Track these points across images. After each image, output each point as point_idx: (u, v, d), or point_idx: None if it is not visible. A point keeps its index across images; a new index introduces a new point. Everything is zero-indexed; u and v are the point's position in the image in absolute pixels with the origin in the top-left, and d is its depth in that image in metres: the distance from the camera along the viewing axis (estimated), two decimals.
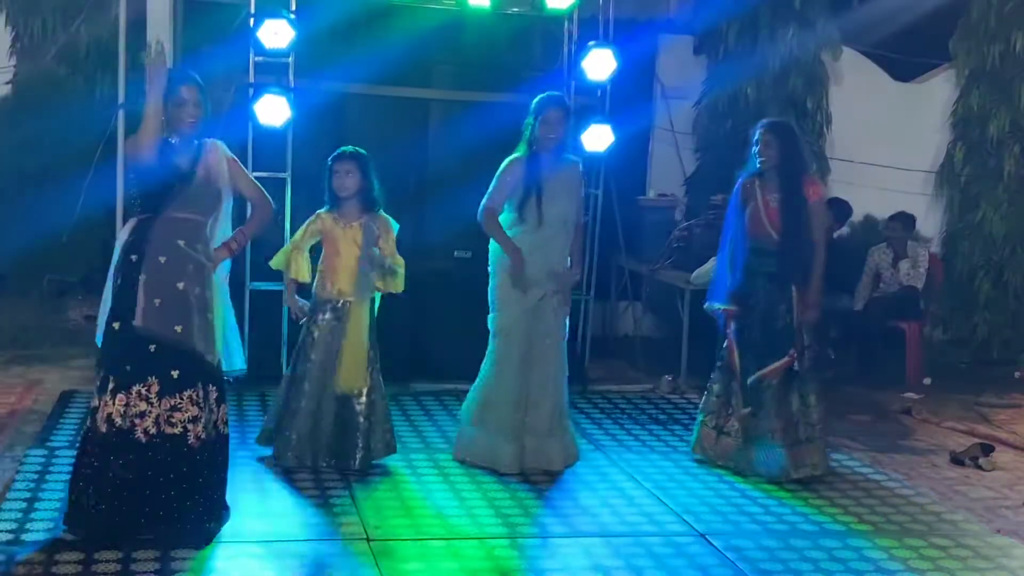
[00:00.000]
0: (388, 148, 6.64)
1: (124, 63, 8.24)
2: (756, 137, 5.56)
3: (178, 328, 4.33)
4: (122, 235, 4.50)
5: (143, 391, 4.26)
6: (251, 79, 6.62)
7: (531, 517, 4.84)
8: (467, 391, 6.86)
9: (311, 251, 5.39)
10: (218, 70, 7.21)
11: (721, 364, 5.69)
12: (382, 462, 5.37)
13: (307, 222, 5.38)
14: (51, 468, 5.08)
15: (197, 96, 4.42)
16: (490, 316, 5.55)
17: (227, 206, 4.62)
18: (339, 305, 5.31)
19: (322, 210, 5.38)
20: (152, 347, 4.29)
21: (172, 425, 4.29)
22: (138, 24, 8.18)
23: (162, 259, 4.34)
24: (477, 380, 5.58)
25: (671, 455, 5.89)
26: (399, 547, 4.44)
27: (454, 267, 7.08)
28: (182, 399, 4.31)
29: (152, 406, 4.27)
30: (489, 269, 5.58)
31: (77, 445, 4.44)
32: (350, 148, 5.36)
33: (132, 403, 4.25)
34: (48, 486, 4.84)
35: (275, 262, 5.43)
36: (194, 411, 4.33)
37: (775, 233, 5.50)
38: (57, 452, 5.33)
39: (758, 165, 5.55)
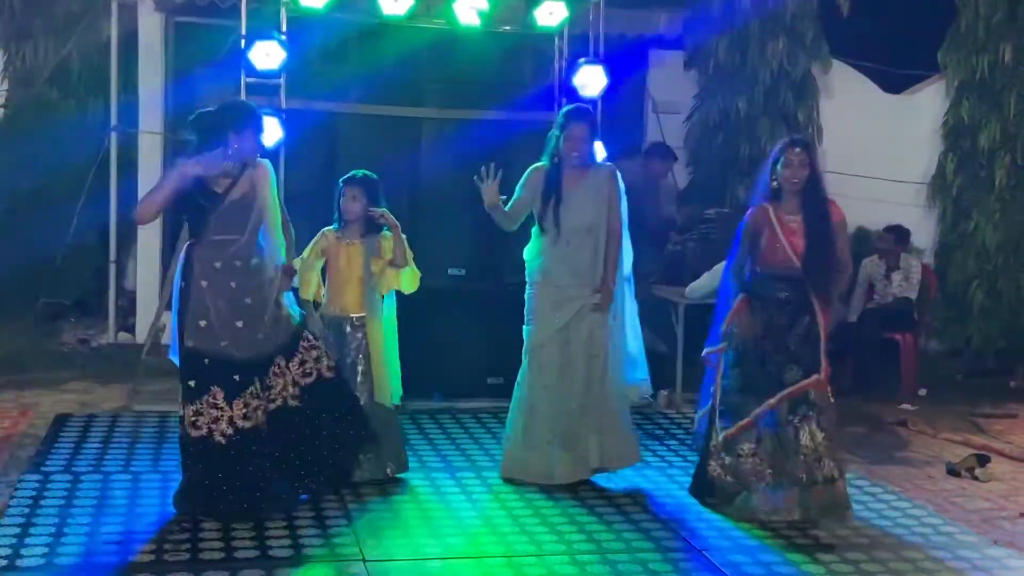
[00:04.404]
0: (380, 167, 6.59)
1: (116, 86, 8.27)
2: (785, 157, 5.13)
3: (223, 343, 4.78)
4: (177, 259, 4.99)
5: (210, 399, 4.76)
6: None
7: (528, 535, 4.82)
8: (463, 409, 6.91)
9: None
10: (209, 92, 7.25)
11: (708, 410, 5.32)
12: (381, 482, 5.36)
13: (313, 240, 5.44)
14: (45, 493, 5.06)
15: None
16: (524, 328, 5.55)
17: (273, 220, 4.92)
18: (345, 322, 5.36)
19: (328, 228, 5.44)
20: (206, 360, 4.78)
21: (247, 419, 4.79)
22: (129, 47, 8.22)
23: (204, 283, 4.79)
24: (515, 398, 5.56)
25: (667, 470, 5.88)
26: (395, 568, 4.42)
27: (448, 285, 7.08)
28: (247, 397, 4.81)
29: (222, 411, 4.77)
30: (526, 279, 5.59)
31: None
32: (360, 173, 5.41)
33: (204, 412, 4.77)
34: (42, 511, 4.82)
35: None
36: (255, 403, 4.83)
37: (796, 256, 5.11)
38: (52, 477, 5.31)
39: (791, 185, 5.13)
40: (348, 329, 5.37)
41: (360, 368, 5.37)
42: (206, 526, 4.68)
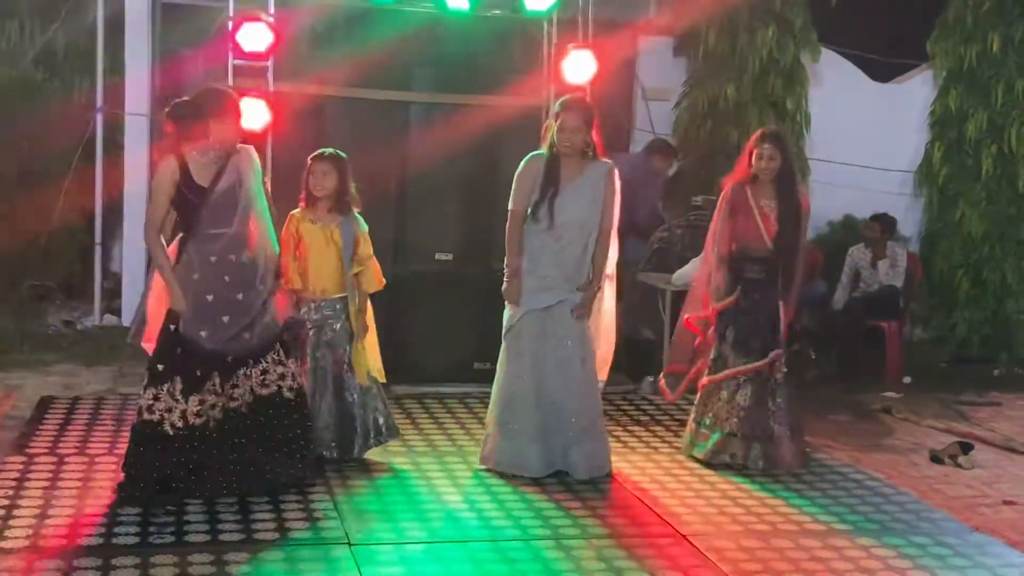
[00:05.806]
0: (368, 151, 6.63)
1: (102, 67, 8.23)
2: (759, 149, 5.66)
3: (202, 332, 4.76)
4: (171, 249, 4.85)
5: (171, 388, 4.74)
6: (230, 83, 6.59)
7: (513, 520, 4.83)
8: (449, 394, 6.91)
9: None
10: (196, 73, 7.22)
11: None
12: (367, 466, 5.37)
13: (284, 228, 5.38)
14: (29, 475, 5.06)
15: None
16: (505, 312, 5.53)
17: (260, 207, 4.86)
18: (324, 304, 5.37)
19: (295, 211, 5.42)
20: (179, 349, 4.76)
21: (199, 416, 4.76)
22: (116, 28, 8.18)
23: (195, 276, 4.77)
24: (494, 386, 5.54)
25: (653, 456, 5.90)
26: (380, 551, 4.43)
27: (435, 269, 7.08)
28: (205, 394, 4.78)
29: (177, 402, 4.73)
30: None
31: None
32: (330, 150, 5.44)
33: (163, 399, 4.74)
34: (26, 493, 4.82)
35: None
36: (212, 400, 4.79)
37: (768, 240, 5.66)
38: (36, 459, 5.30)
39: (764, 174, 5.66)
40: (330, 313, 5.38)
41: (348, 350, 5.38)
42: (191, 508, 4.68)
